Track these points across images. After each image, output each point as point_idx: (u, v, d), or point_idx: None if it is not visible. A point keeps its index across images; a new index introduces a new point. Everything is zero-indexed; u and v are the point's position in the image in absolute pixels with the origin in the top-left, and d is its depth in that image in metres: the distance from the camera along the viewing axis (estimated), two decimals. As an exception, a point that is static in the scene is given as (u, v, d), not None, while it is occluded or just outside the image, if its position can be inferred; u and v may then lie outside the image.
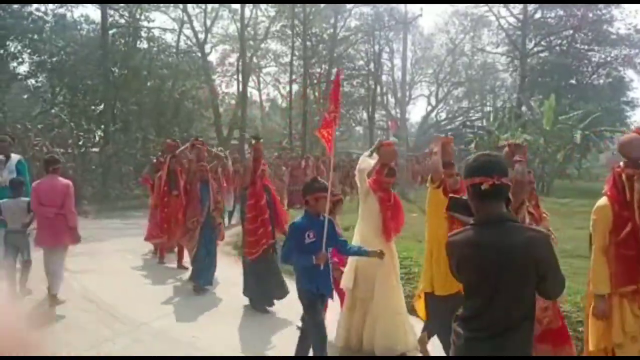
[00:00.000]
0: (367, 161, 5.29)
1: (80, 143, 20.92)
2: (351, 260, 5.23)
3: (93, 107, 23.95)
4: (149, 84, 25.37)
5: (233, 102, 36.13)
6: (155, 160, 10.35)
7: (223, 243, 9.22)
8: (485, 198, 2.50)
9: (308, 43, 34.21)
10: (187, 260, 8.66)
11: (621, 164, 3.92)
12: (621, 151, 3.98)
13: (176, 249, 9.49)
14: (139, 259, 10.06)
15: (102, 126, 23.35)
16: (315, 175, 7.99)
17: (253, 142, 7.10)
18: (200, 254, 7.68)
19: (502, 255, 2.40)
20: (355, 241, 5.23)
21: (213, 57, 36.35)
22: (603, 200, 3.94)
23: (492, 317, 2.44)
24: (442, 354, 4.61)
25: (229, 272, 8.33)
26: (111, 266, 9.29)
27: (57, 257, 6.98)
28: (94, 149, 22.04)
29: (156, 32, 27.58)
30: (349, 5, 35.28)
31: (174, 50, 29.02)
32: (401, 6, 36.63)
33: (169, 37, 29.78)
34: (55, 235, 6.91)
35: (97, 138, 23.32)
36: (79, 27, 26.24)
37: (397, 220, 5.37)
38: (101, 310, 6.73)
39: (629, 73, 36.47)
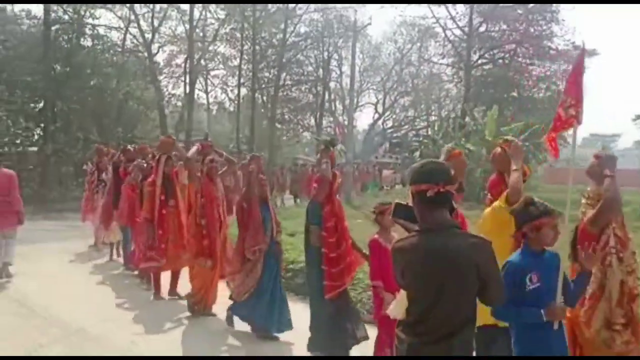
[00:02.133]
0: None
1: (18, 142, 20.14)
2: None
3: (32, 105, 23.09)
4: (92, 82, 24.66)
5: (180, 104, 35.57)
6: (144, 164, 8.35)
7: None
8: (430, 205, 2.53)
9: (257, 47, 34.12)
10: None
11: None
12: None
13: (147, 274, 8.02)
14: (77, 262, 9.75)
15: (42, 125, 22.53)
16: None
17: (327, 148, 5.52)
18: (261, 289, 5.87)
19: (445, 260, 2.44)
20: None
21: (160, 58, 35.71)
22: None
23: (434, 322, 2.47)
24: None
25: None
26: (47, 269, 8.95)
27: (8, 236, 8.26)
28: (32, 148, 21.26)
29: (101, 30, 26.91)
30: (299, 11, 35.36)
31: (120, 49, 28.34)
32: (351, 14, 37.10)
33: (115, 36, 29.09)
34: (3, 219, 8.07)
35: (35, 137, 22.49)
36: (19, 21, 25.29)
37: None
38: (35, 315, 6.47)
39: (567, 88, 37.98)
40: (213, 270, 6.41)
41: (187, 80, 32.07)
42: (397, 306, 4.06)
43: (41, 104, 22.81)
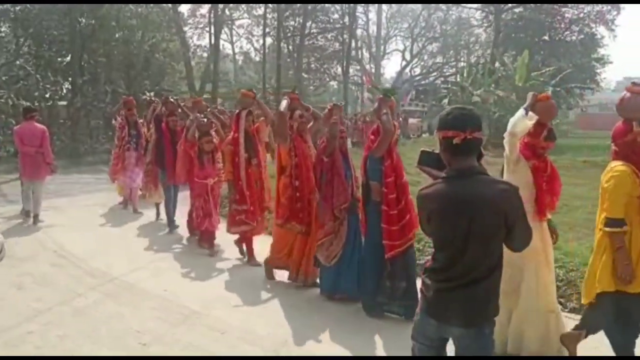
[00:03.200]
0: (525, 122, 4.00)
1: (47, 96, 20.38)
2: None
3: (60, 59, 23.22)
4: (117, 35, 24.62)
5: (205, 55, 35.44)
6: (204, 119, 7.60)
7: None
8: (457, 152, 2.51)
9: (282, -5, 33.51)
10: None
11: None
12: None
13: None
14: (110, 214, 9.97)
15: (70, 78, 22.73)
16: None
17: (386, 96, 5.15)
18: (346, 251, 5.40)
19: (473, 206, 2.43)
20: None
21: (184, 8, 35.41)
22: None
23: (462, 268, 2.48)
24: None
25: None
26: (82, 221, 9.20)
27: (37, 186, 8.96)
28: (62, 102, 21.50)
29: (124, -19, 26.63)
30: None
31: (143, 0, 28.11)
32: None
33: (138, -14, 28.80)
34: (36, 170, 8.90)
35: (64, 91, 22.72)
36: (43, -26, 25.18)
37: (553, 193, 4.29)
38: (72, 264, 6.67)
39: (601, 30, 36.67)
40: (306, 236, 5.83)
41: (212, 31, 31.80)
42: None
43: (68, 58, 22.91)
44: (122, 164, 10.01)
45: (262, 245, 6.68)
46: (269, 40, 36.54)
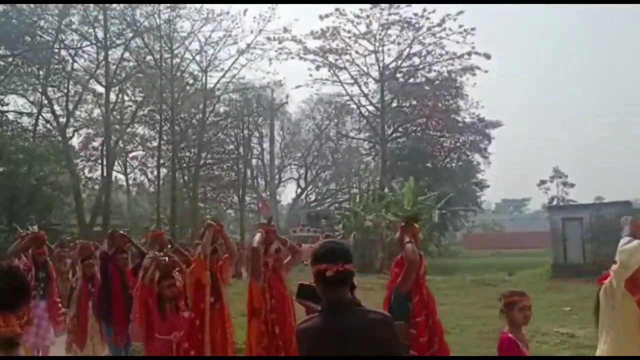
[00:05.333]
0: None
1: None
2: None
3: None
4: (1, 169, 23.72)
5: (97, 187, 34.66)
6: (164, 257, 5.96)
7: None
8: (331, 284, 2.58)
9: (177, 128, 34.10)
10: None
11: None
12: None
13: None
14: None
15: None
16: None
17: (409, 224, 4.65)
18: None
19: (345, 339, 2.47)
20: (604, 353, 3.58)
21: (75, 141, 34.98)
22: None
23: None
24: None
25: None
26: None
27: None
28: None
29: (10, 116, 26.20)
30: (217, 92, 35.88)
31: (31, 134, 27.58)
32: (268, 93, 38.10)
33: (26, 121, 28.38)
34: None
35: None
36: None
37: None
38: None
39: (476, 157, 40.27)
40: None
41: (105, 163, 31.44)
42: None
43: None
44: (27, 316, 8.20)
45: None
46: (163, 171, 36.51)
